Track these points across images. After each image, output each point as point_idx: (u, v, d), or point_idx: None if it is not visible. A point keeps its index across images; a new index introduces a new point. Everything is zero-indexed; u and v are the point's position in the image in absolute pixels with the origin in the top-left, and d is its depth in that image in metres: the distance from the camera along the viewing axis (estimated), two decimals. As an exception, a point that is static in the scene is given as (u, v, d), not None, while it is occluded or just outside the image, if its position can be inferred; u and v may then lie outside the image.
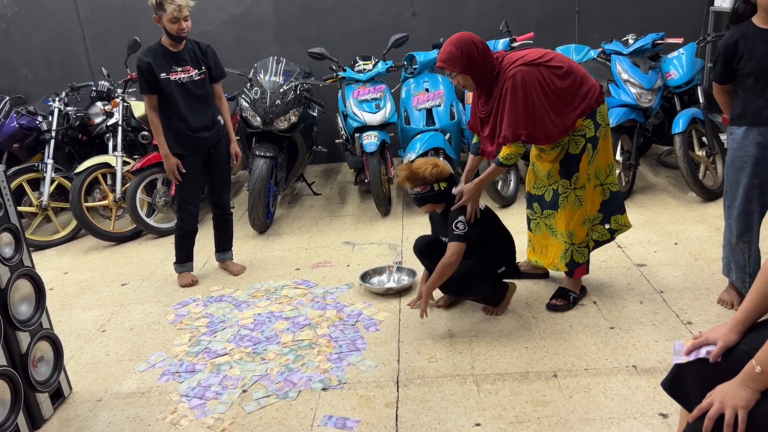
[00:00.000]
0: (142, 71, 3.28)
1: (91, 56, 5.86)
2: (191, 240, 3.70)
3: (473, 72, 2.68)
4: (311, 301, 3.33)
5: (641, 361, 2.52)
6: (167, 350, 2.97)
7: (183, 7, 3.18)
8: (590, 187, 2.87)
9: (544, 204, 3.00)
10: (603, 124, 2.81)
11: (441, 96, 4.63)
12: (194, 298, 3.49)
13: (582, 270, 2.99)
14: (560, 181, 2.87)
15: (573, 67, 2.74)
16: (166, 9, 3.15)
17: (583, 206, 2.87)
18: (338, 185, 5.47)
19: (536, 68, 2.64)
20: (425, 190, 2.80)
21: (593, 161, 2.82)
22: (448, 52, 2.67)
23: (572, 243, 2.92)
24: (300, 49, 5.36)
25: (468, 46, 2.65)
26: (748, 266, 2.76)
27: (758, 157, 2.61)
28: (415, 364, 2.66)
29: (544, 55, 2.70)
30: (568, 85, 2.69)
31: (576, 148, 2.79)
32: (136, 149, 5.02)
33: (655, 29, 4.74)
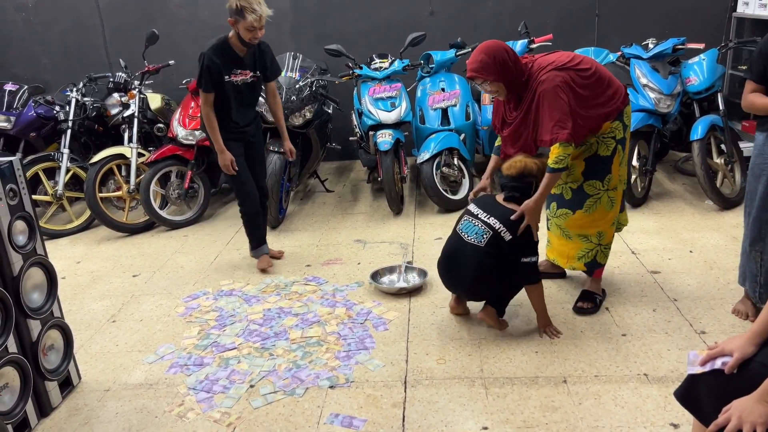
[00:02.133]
0: (210, 70, 3.26)
1: (110, 47, 5.89)
2: (258, 222, 3.67)
3: (506, 79, 2.64)
4: (321, 298, 3.32)
5: (653, 370, 2.49)
6: (176, 343, 2.98)
7: (263, 17, 3.17)
8: (621, 188, 2.90)
9: (562, 202, 2.97)
10: (629, 125, 2.84)
11: (457, 96, 4.61)
12: (204, 292, 3.50)
13: (601, 270, 3.00)
14: (588, 182, 2.84)
15: (600, 69, 2.74)
16: (247, 17, 3.13)
17: (615, 208, 2.88)
18: (351, 183, 5.46)
19: (567, 72, 2.62)
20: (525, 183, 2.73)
21: (622, 163, 2.85)
22: (480, 60, 2.62)
23: (599, 243, 2.92)
24: (316, 45, 5.35)
25: (500, 53, 2.61)
26: (759, 276, 2.72)
27: None
28: (423, 364, 2.64)
29: (573, 59, 2.68)
30: (596, 88, 2.68)
31: (606, 150, 2.78)
32: (151, 141, 5.05)
33: (676, 34, 4.68)
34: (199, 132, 4.53)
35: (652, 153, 4.27)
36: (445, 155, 4.44)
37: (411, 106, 4.63)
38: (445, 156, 4.44)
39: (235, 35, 3.28)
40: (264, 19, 3.19)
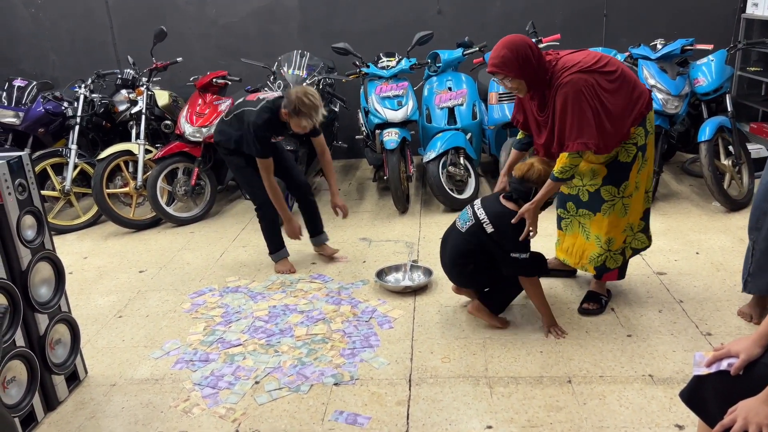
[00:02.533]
0: (263, 141, 3.31)
1: (118, 44, 5.92)
2: (277, 227, 3.68)
3: (528, 76, 2.55)
4: (326, 295, 3.33)
5: (658, 371, 2.48)
6: (182, 338, 2.99)
7: (317, 122, 3.26)
8: (638, 195, 2.81)
9: (580, 203, 2.92)
10: (652, 131, 2.74)
11: (464, 95, 4.60)
12: (210, 288, 3.51)
13: (612, 275, 2.95)
14: (605, 187, 2.79)
15: (625, 72, 2.63)
16: (301, 121, 3.22)
17: (628, 215, 2.81)
18: (357, 181, 5.47)
19: (591, 75, 2.52)
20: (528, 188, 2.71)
21: (641, 170, 2.75)
22: (501, 56, 2.51)
23: (609, 249, 2.86)
24: (324, 43, 5.36)
25: (524, 49, 2.50)
26: (750, 265, 2.74)
27: None
28: (428, 363, 2.65)
29: (599, 60, 2.58)
30: (622, 91, 2.59)
31: (627, 157, 2.70)
32: (159, 138, 5.07)
33: (685, 35, 4.66)
34: (206, 129, 4.54)
35: (659, 154, 4.25)
36: (451, 154, 4.44)
37: (418, 104, 4.63)
38: (452, 155, 4.44)
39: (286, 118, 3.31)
40: (317, 123, 3.27)
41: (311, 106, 3.18)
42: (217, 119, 4.60)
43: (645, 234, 2.94)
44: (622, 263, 2.93)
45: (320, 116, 3.24)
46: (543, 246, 3.59)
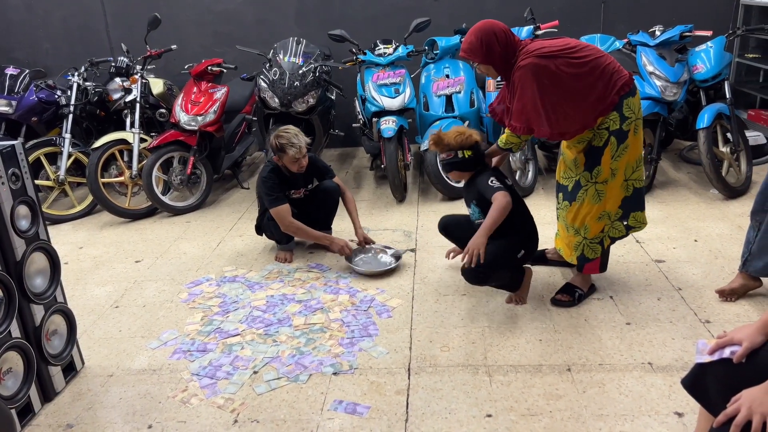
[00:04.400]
0: (273, 189, 3.41)
1: (112, 32, 5.85)
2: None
3: (494, 61, 2.67)
4: (324, 285, 3.31)
5: (657, 359, 2.48)
6: (179, 328, 2.97)
7: (303, 147, 3.35)
8: (615, 182, 2.76)
9: (566, 195, 2.94)
10: (632, 117, 2.68)
11: (461, 83, 4.57)
12: (207, 278, 3.49)
13: (593, 267, 2.91)
14: (582, 173, 2.81)
15: (599, 60, 2.62)
16: (288, 152, 3.32)
17: (602, 202, 2.78)
18: (354, 170, 5.44)
19: (552, 60, 2.55)
20: (450, 156, 2.85)
21: (619, 156, 2.71)
22: (469, 42, 2.67)
23: (585, 237, 2.86)
24: (321, 31, 5.30)
25: (488, 35, 2.62)
26: (752, 244, 2.77)
27: None
28: (427, 352, 2.64)
29: (568, 47, 2.61)
30: (588, 78, 2.60)
31: (599, 141, 2.70)
32: (154, 126, 5.03)
33: (683, 21, 4.63)
34: (202, 117, 4.50)
35: (657, 141, 4.24)
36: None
37: (415, 92, 4.59)
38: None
39: (283, 166, 3.45)
40: (304, 148, 3.36)
41: (286, 135, 3.33)
42: (212, 107, 4.56)
43: (621, 222, 2.87)
44: (601, 253, 2.89)
45: (302, 140, 3.33)
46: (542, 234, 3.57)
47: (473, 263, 2.61)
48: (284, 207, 3.41)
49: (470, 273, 2.71)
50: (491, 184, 2.74)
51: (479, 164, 2.88)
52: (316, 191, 3.66)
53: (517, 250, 2.86)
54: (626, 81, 2.66)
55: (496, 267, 2.72)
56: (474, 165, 2.86)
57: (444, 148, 2.84)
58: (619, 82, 2.64)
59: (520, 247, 2.86)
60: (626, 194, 2.84)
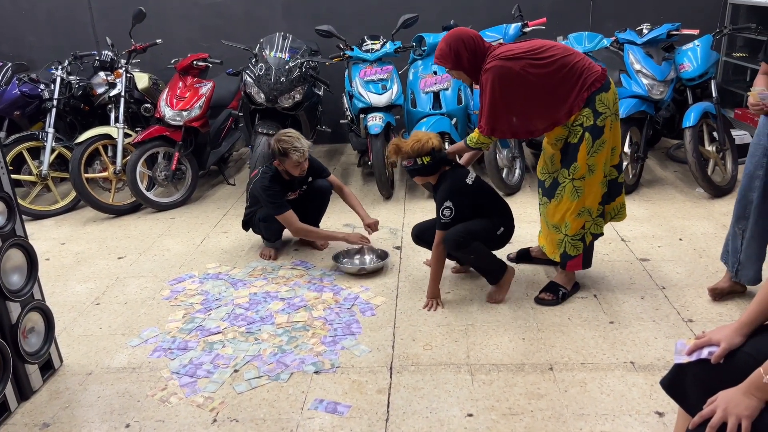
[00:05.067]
0: (275, 196, 3.36)
1: (97, 25, 5.78)
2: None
3: (463, 66, 2.75)
4: (308, 282, 3.29)
5: (639, 358, 2.48)
6: (161, 326, 2.94)
7: (306, 151, 3.31)
8: (593, 179, 2.76)
9: (544, 191, 2.96)
10: (607, 113, 2.68)
11: (449, 79, 4.55)
12: (190, 275, 3.46)
13: (576, 264, 2.92)
14: (560, 170, 2.83)
15: (566, 58, 2.65)
16: (292, 157, 3.27)
17: (581, 198, 2.79)
18: (341, 167, 5.41)
19: (516, 62, 2.62)
20: (410, 164, 2.89)
21: (596, 152, 2.71)
22: (440, 49, 2.76)
23: (566, 234, 2.87)
24: (309, 26, 5.25)
25: (456, 42, 2.71)
26: (739, 253, 2.76)
27: (767, 148, 2.56)
28: (409, 350, 2.62)
29: (533, 48, 2.66)
30: (555, 77, 2.64)
31: (574, 138, 2.72)
32: (139, 121, 4.97)
33: (672, 20, 4.63)
34: (187, 112, 4.46)
35: (644, 140, 4.24)
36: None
37: (402, 89, 4.56)
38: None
39: (283, 170, 3.39)
40: (306, 152, 3.32)
41: (289, 140, 3.27)
42: (198, 102, 4.52)
43: (603, 218, 2.90)
44: (583, 250, 2.90)
45: (304, 144, 3.30)
46: (526, 232, 3.59)
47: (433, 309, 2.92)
48: (290, 213, 3.38)
49: (450, 240, 2.81)
50: (442, 215, 2.81)
51: (442, 165, 2.90)
52: (308, 190, 3.62)
53: (495, 227, 2.92)
54: (597, 77, 2.67)
55: (475, 237, 2.83)
56: (435, 168, 2.89)
57: (403, 156, 2.89)
58: (589, 78, 2.66)
59: (498, 225, 2.93)
60: (604, 191, 2.85)
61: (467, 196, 2.85)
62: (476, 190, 2.89)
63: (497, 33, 4.53)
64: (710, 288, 2.88)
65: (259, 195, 3.40)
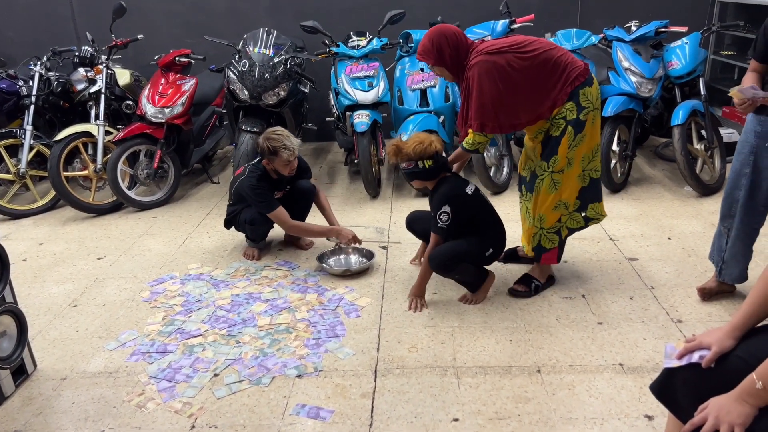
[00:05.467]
0: (265, 195, 3.29)
1: (77, 20, 5.66)
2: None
3: (446, 63, 2.71)
4: (292, 283, 3.22)
5: (628, 360, 2.43)
6: (139, 329, 2.86)
7: (296, 149, 3.25)
8: (571, 172, 2.75)
9: (527, 186, 2.92)
10: (590, 107, 2.68)
11: (436, 77, 4.49)
12: (171, 276, 3.38)
13: (550, 257, 2.90)
14: (539, 163, 2.79)
15: (550, 53, 2.65)
16: (281, 155, 3.20)
17: (558, 191, 2.77)
18: (327, 165, 5.34)
19: (501, 56, 2.61)
20: (410, 166, 2.80)
21: (576, 145, 2.70)
22: (422, 45, 2.72)
23: (541, 227, 2.85)
24: (294, 22, 5.18)
25: (438, 38, 2.67)
26: (724, 252, 2.73)
27: (754, 146, 2.54)
28: (394, 353, 2.56)
29: (516, 42, 2.65)
30: (538, 71, 2.62)
31: (556, 131, 2.70)
32: (120, 119, 4.87)
33: (660, 17, 4.60)
34: (169, 109, 4.37)
35: (632, 138, 4.21)
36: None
37: (389, 86, 4.50)
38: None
39: (271, 169, 3.33)
40: (296, 150, 3.27)
41: (278, 138, 3.22)
42: (180, 99, 4.43)
43: (580, 213, 2.87)
44: (558, 243, 2.88)
45: (294, 142, 3.23)
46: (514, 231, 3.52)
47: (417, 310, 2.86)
48: (281, 210, 3.31)
49: (436, 261, 2.76)
50: (439, 219, 2.74)
51: (442, 171, 2.83)
52: (292, 191, 3.53)
53: (484, 248, 2.83)
54: (581, 72, 2.67)
55: (462, 259, 2.76)
56: (436, 173, 2.81)
57: (403, 158, 2.79)
58: (573, 73, 2.65)
59: (488, 245, 2.84)
60: (583, 185, 2.83)
61: (466, 205, 2.78)
62: (475, 201, 2.82)
63: (485, 30, 4.48)
64: (699, 288, 2.84)
65: (246, 194, 3.31)
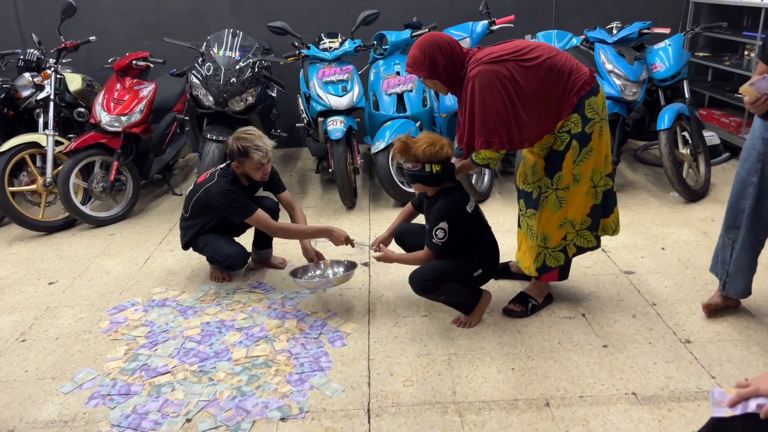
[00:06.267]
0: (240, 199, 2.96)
1: (23, 21, 5.24)
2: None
3: (440, 76, 2.48)
4: (268, 308, 2.94)
5: (641, 388, 2.25)
6: (98, 366, 2.55)
7: (269, 151, 2.95)
8: (578, 189, 2.56)
9: (529, 202, 2.72)
10: (596, 118, 2.48)
11: (413, 80, 4.27)
12: (133, 302, 3.06)
13: (552, 276, 2.72)
14: (543, 180, 2.60)
15: (554, 59, 2.42)
16: (253, 156, 2.89)
17: (564, 209, 2.58)
18: (298, 173, 5.07)
19: (502, 65, 2.37)
20: (416, 168, 2.52)
21: (582, 161, 2.51)
22: (413, 56, 2.48)
23: (546, 246, 2.65)
24: (260, 22, 4.90)
25: (431, 48, 2.44)
26: (728, 265, 2.59)
27: (761, 153, 2.39)
28: (388, 387, 2.33)
29: (518, 48, 2.41)
30: (544, 80, 2.40)
31: (560, 145, 2.50)
32: (72, 128, 4.49)
33: (634, 17, 4.50)
34: (126, 117, 4.03)
35: (616, 143, 4.07)
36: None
37: (364, 90, 4.26)
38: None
39: (242, 174, 3.02)
40: (270, 152, 2.96)
41: (250, 137, 2.92)
42: (138, 106, 4.09)
43: (591, 232, 2.68)
44: (564, 262, 2.70)
45: (267, 143, 2.94)
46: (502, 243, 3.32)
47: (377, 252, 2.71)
48: (261, 213, 2.96)
49: (417, 282, 2.54)
50: (435, 235, 2.51)
51: (447, 180, 2.57)
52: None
53: (472, 268, 2.61)
54: (586, 80, 2.46)
55: (445, 279, 2.52)
56: (441, 181, 2.55)
57: (411, 158, 2.52)
58: (578, 81, 2.44)
59: (477, 265, 2.61)
60: (595, 202, 2.64)
61: (464, 223, 2.55)
62: (474, 219, 2.60)
63: (463, 31, 4.28)
64: (704, 304, 2.69)
65: (217, 202, 2.95)
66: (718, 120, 4.98)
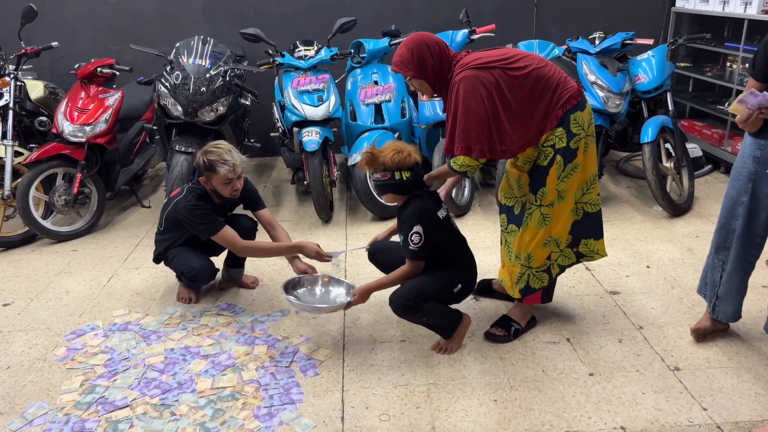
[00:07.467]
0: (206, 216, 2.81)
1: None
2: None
3: (427, 76, 2.40)
4: (237, 332, 2.78)
5: (630, 421, 2.14)
6: (51, 400, 2.36)
7: (238, 165, 2.77)
8: (563, 206, 2.46)
9: (511, 217, 2.62)
10: (581, 134, 2.39)
11: (391, 90, 4.14)
12: (93, 326, 2.88)
13: (535, 298, 2.61)
14: (527, 195, 2.49)
15: (542, 70, 2.34)
16: (219, 171, 2.73)
17: (548, 226, 2.48)
18: (272, 183, 4.90)
19: (488, 71, 2.29)
20: (385, 177, 2.41)
21: (567, 177, 2.41)
22: (400, 54, 2.40)
23: (530, 266, 2.54)
24: (231, 28, 4.74)
25: (420, 48, 2.36)
26: (718, 287, 2.49)
27: (752, 172, 2.29)
28: (363, 423, 2.18)
29: (506, 56, 2.32)
30: (529, 91, 2.31)
31: (544, 160, 2.40)
32: (33, 137, 4.27)
33: (615, 27, 4.43)
34: (90, 127, 3.84)
35: (600, 156, 3.98)
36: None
37: (341, 100, 4.11)
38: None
39: (211, 189, 2.87)
40: (239, 167, 2.78)
41: (217, 151, 2.76)
42: (103, 115, 3.90)
43: (571, 249, 2.58)
44: (548, 283, 2.60)
45: (236, 158, 2.77)
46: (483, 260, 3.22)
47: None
48: (227, 230, 2.81)
49: (397, 303, 2.41)
50: (411, 241, 2.38)
51: (417, 187, 2.46)
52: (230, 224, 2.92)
53: (452, 283, 2.49)
54: (573, 93, 2.37)
55: (427, 298, 2.40)
56: (411, 188, 2.44)
57: (379, 167, 2.40)
58: (564, 94, 2.35)
59: (455, 280, 2.49)
60: (576, 218, 2.54)
61: (438, 228, 2.43)
62: (446, 227, 2.48)
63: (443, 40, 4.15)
64: (692, 328, 2.59)
65: (183, 217, 2.81)
66: (699, 131, 4.93)
